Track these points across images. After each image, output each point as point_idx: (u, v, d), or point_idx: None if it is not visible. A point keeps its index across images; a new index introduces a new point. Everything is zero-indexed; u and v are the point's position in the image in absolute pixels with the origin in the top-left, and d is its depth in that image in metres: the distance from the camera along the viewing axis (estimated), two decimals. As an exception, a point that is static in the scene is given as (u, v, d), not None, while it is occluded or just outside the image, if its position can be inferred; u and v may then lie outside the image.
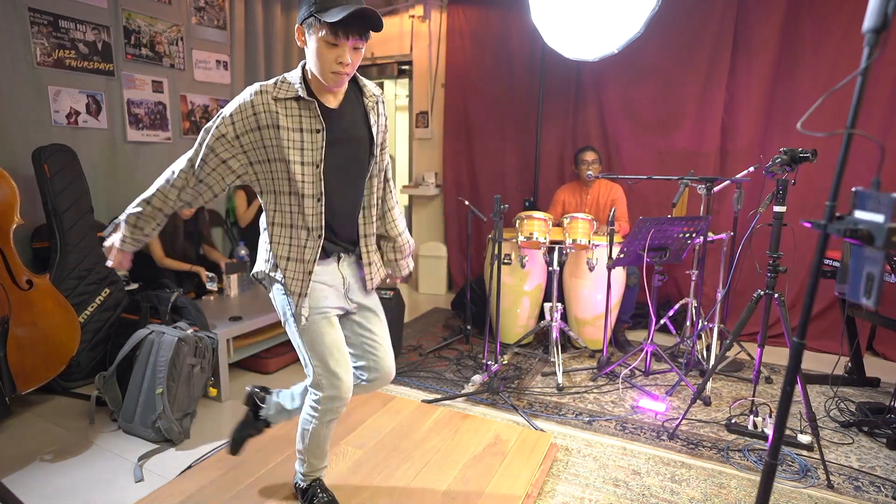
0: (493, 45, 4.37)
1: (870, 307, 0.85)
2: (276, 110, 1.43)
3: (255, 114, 1.43)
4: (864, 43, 0.87)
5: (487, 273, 3.42)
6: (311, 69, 1.43)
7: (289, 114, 1.44)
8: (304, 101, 1.44)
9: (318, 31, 1.34)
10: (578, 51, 3.17)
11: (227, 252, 3.97)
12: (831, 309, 3.47)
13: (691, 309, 3.13)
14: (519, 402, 2.70)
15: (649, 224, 2.64)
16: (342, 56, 1.36)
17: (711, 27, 3.60)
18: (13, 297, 2.34)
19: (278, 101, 1.43)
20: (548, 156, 4.31)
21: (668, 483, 2.03)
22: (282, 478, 1.96)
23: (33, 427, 2.40)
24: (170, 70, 3.58)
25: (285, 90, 1.44)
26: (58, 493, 1.95)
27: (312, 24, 1.35)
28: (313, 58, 1.39)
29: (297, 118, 1.44)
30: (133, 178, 3.44)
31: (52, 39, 2.94)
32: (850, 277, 0.87)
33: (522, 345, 3.40)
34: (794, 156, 2.10)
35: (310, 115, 1.45)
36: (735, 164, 3.62)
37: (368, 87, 1.59)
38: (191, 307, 2.68)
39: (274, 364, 3.06)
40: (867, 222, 0.82)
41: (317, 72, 1.41)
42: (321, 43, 1.35)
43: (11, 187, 2.35)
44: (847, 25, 3.24)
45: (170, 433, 2.25)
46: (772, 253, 2.18)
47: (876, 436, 2.41)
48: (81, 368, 2.74)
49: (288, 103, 1.44)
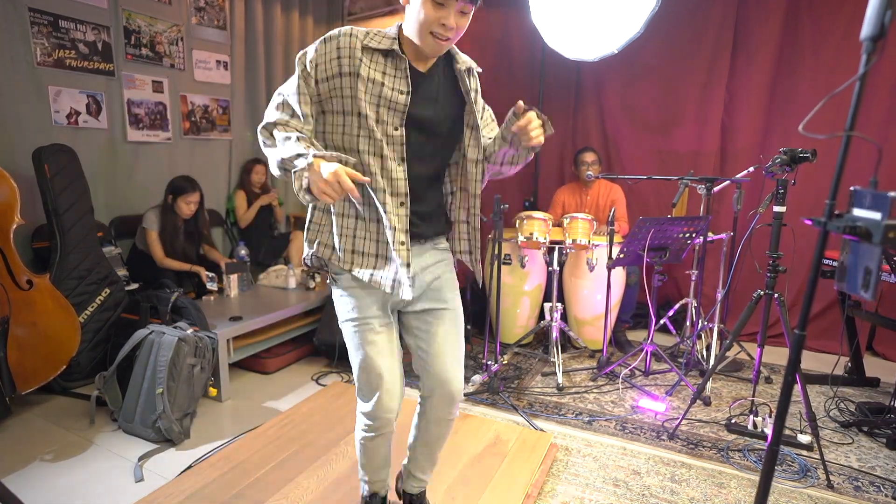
0: (493, 45, 4.37)
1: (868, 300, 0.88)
2: (360, 57, 1.28)
3: (338, 57, 1.28)
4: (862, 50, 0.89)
5: (487, 273, 3.42)
6: (409, 31, 1.29)
7: (373, 66, 1.29)
8: (395, 57, 1.30)
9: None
10: (578, 51, 3.17)
11: (227, 252, 3.97)
12: (831, 309, 3.47)
13: (691, 309, 3.13)
14: (519, 402, 2.70)
15: (649, 224, 2.64)
16: (447, 17, 1.22)
17: (711, 27, 3.61)
18: (13, 297, 2.34)
19: (365, 50, 1.28)
20: (548, 156, 4.31)
21: (668, 483, 2.03)
22: (282, 478, 1.96)
23: (33, 427, 2.40)
24: (170, 70, 3.58)
25: (377, 40, 1.29)
26: (58, 493, 1.95)
27: None
28: (414, 16, 1.25)
29: (377, 71, 1.29)
30: (133, 178, 3.44)
31: (52, 39, 2.94)
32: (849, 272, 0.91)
33: (522, 345, 3.40)
34: (793, 156, 2.10)
35: (395, 75, 1.30)
36: (735, 164, 3.62)
37: (460, 55, 1.42)
38: (191, 307, 2.68)
39: (274, 364, 3.06)
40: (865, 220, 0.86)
41: (415, 33, 1.27)
42: (427, 2, 1.22)
43: (11, 187, 2.35)
44: (847, 26, 3.24)
45: (170, 433, 2.26)
46: (772, 253, 2.18)
47: (876, 436, 2.41)
48: (81, 368, 2.74)
49: (376, 55, 1.29)
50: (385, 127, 1.31)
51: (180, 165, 3.68)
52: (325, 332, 3.07)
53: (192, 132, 3.78)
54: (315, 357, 3.28)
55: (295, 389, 2.85)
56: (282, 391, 2.83)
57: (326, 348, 3.08)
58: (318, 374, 3.04)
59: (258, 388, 2.86)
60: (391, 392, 1.42)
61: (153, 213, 3.19)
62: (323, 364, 3.18)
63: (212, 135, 3.92)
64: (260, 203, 3.96)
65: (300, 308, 3.14)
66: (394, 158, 1.32)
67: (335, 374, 3.04)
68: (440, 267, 1.49)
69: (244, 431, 2.35)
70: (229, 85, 3.99)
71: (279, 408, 2.63)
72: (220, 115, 3.95)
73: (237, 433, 2.35)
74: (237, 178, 4.12)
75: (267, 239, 4.01)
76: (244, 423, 2.46)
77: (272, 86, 4.28)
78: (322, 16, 4.70)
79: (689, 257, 3.05)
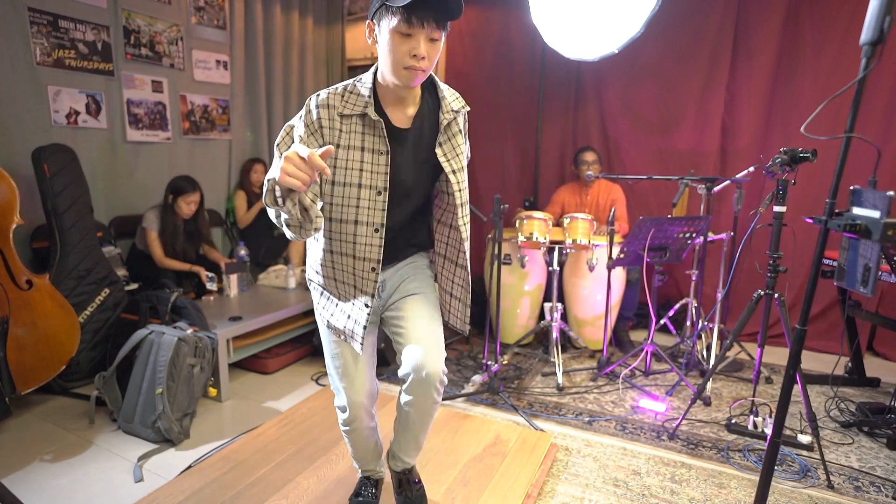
0: (493, 45, 4.36)
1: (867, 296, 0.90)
2: (339, 128, 1.31)
3: (320, 128, 1.31)
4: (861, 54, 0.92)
5: (487, 273, 3.42)
6: (383, 70, 1.30)
7: (351, 131, 1.32)
8: (369, 120, 1.32)
9: (389, 21, 1.21)
10: (578, 51, 3.17)
11: (226, 252, 3.97)
12: (832, 309, 3.47)
13: (691, 309, 3.13)
14: (519, 402, 2.70)
15: (649, 224, 2.64)
16: (416, 48, 1.21)
17: (712, 27, 3.60)
18: (13, 297, 2.34)
19: (343, 118, 1.31)
20: (548, 156, 4.30)
21: (668, 483, 2.03)
22: (282, 477, 1.96)
23: (33, 427, 2.40)
24: (169, 70, 3.58)
25: (352, 105, 1.31)
26: (58, 493, 1.94)
27: (383, 14, 1.22)
28: (385, 54, 1.26)
29: (356, 135, 1.32)
30: (133, 178, 3.44)
31: (51, 39, 2.94)
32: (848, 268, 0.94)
33: (522, 345, 3.40)
34: (794, 156, 2.10)
35: (373, 135, 1.33)
36: (735, 164, 3.62)
37: (448, 99, 1.41)
38: (190, 307, 2.68)
39: (273, 364, 3.06)
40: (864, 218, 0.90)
41: (389, 70, 1.27)
42: (393, 35, 1.22)
43: (11, 187, 2.35)
44: (847, 26, 3.24)
45: (169, 433, 2.25)
46: (772, 253, 2.18)
47: (876, 436, 2.41)
48: (81, 368, 2.73)
49: (354, 120, 1.32)
50: (369, 191, 1.35)
51: (180, 165, 3.68)
52: (325, 332, 3.07)
53: (191, 132, 3.77)
54: (315, 357, 3.27)
55: (295, 389, 2.85)
56: (282, 391, 2.83)
57: (326, 348, 3.08)
58: (318, 374, 3.04)
59: (258, 388, 2.86)
60: (357, 389, 1.53)
61: (153, 212, 3.19)
62: (323, 364, 3.16)
63: (211, 135, 3.92)
64: (260, 205, 3.96)
65: (300, 308, 3.14)
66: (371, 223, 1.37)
67: (335, 374, 3.03)
68: (409, 268, 1.57)
69: (244, 431, 2.35)
70: (229, 85, 3.99)
71: (279, 408, 2.63)
72: (219, 115, 3.95)
73: (237, 433, 2.35)
74: (237, 177, 4.12)
75: (267, 239, 4.00)
76: (244, 423, 2.46)
77: (272, 86, 4.28)
78: (322, 16, 4.70)
79: (689, 257, 3.05)
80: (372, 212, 1.35)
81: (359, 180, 1.33)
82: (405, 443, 1.64)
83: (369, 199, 1.34)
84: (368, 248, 1.38)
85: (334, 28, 4.76)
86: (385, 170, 1.34)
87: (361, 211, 1.35)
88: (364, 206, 1.34)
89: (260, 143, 4.27)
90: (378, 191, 1.34)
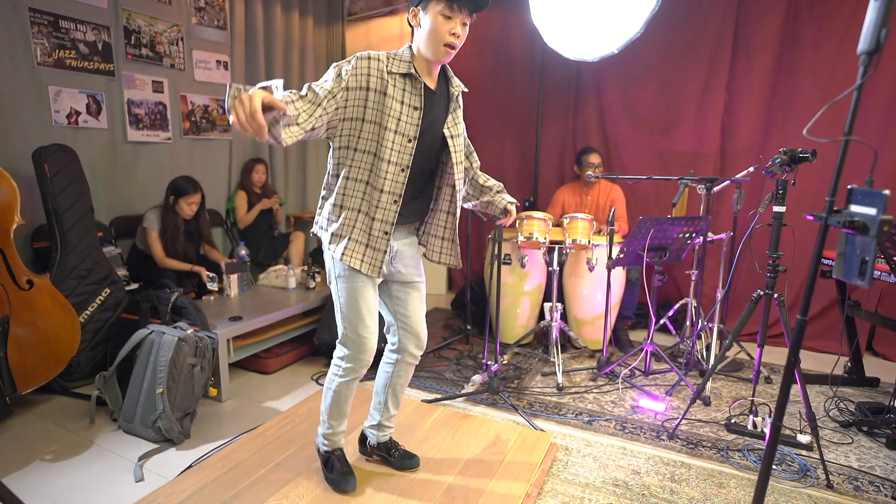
0: (493, 45, 4.37)
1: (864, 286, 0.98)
2: (386, 79, 1.58)
3: (368, 75, 1.56)
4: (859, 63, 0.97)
5: (487, 273, 3.42)
6: (422, 47, 1.60)
7: (395, 85, 1.59)
8: (412, 79, 1.62)
9: (435, 6, 1.53)
10: (578, 51, 3.17)
11: (227, 252, 3.97)
12: (831, 309, 3.48)
13: (691, 309, 3.13)
14: (519, 401, 2.70)
15: (649, 224, 2.64)
16: (455, 27, 1.54)
17: (711, 28, 3.61)
18: (13, 297, 2.34)
19: (390, 74, 1.59)
20: (548, 156, 4.31)
21: (667, 483, 2.03)
22: (282, 477, 1.96)
23: (33, 427, 2.40)
24: (170, 70, 3.58)
25: (397, 65, 1.60)
26: (58, 493, 1.95)
27: (429, 1, 1.54)
28: (427, 33, 1.56)
29: (399, 90, 1.60)
30: (133, 178, 3.44)
31: (52, 39, 2.94)
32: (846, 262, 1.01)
33: (522, 345, 3.40)
34: (793, 156, 2.11)
35: (413, 92, 1.62)
36: (735, 164, 3.62)
37: (455, 79, 1.76)
38: (191, 307, 2.69)
39: (273, 364, 3.06)
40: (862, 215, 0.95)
41: (429, 47, 1.58)
42: (437, 17, 1.53)
43: (12, 187, 2.35)
44: (847, 26, 3.24)
45: (170, 433, 2.26)
46: (771, 253, 2.18)
47: (875, 435, 2.41)
48: (81, 368, 2.74)
49: (397, 77, 1.60)
50: (400, 138, 1.61)
51: (180, 165, 3.68)
52: (325, 332, 3.07)
53: (192, 132, 3.78)
54: (315, 357, 3.28)
55: (295, 389, 2.85)
56: (282, 391, 2.83)
57: (326, 348, 3.08)
58: (318, 374, 3.04)
59: (258, 388, 2.86)
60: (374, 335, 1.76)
61: (154, 213, 3.20)
62: (323, 364, 3.18)
63: (212, 135, 3.93)
64: (261, 207, 3.97)
65: (300, 308, 3.14)
66: (399, 163, 1.62)
67: (335, 374, 3.04)
68: (415, 246, 1.86)
69: (244, 431, 2.35)
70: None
71: (279, 408, 2.64)
72: (220, 115, 3.95)
73: (237, 433, 2.35)
74: (237, 178, 4.12)
75: (267, 239, 4.01)
76: (244, 423, 2.47)
77: (272, 86, 4.28)
78: (322, 16, 4.70)
79: (689, 257, 3.05)
80: (402, 155, 1.62)
81: (395, 127, 1.59)
82: (392, 405, 1.97)
83: (401, 144, 1.61)
84: (395, 184, 1.64)
85: (334, 28, 4.77)
86: (417, 122, 1.63)
87: (394, 153, 1.61)
88: (396, 149, 1.61)
89: (260, 143, 4.27)
90: (409, 139, 1.62)
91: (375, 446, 2.04)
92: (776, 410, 1.15)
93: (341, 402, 1.86)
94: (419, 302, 1.87)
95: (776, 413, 1.15)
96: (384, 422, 2.00)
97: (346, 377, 1.79)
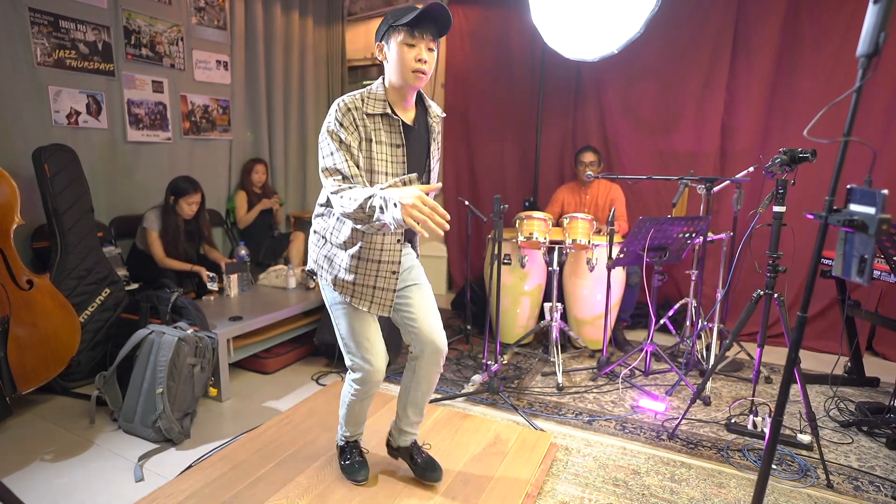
0: (493, 45, 4.37)
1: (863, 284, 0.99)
2: (367, 125, 1.60)
3: (356, 127, 1.59)
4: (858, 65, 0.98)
5: (487, 273, 3.42)
6: (393, 78, 1.61)
7: (376, 128, 1.61)
8: (389, 118, 1.63)
9: (397, 37, 1.56)
10: (578, 51, 3.17)
11: (227, 252, 3.97)
12: (831, 309, 3.48)
13: (691, 309, 3.13)
14: (519, 401, 2.70)
15: (649, 224, 2.64)
16: (420, 54, 1.56)
17: (711, 27, 3.61)
18: (13, 297, 2.34)
19: (368, 117, 1.60)
20: (548, 156, 4.31)
21: (667, 483, 2.03)
22: (282, 477, 1.96)
23: (33, 427, 2.40)
24: (170, 70, 3.58)
25: (373, 106, 1.61)
26: (58, 492, 1.95)
27: (391, 33, 1.57)
28: (395, 64, 1.58)
29: (381, 132, 1.62)
30: (133, 178, 3.44)
31: (52, 39, 2.94)
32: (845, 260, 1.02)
33: (522, 345, 3.40)
34: (793, 156, 2.10)
35: (391, 131, 1.64)
36: (735, 164, 3.62)
37: (433, 107, 1.79)
38: (191, 307, 2.69)
39: (273, 364, 3.07)
40: (861, 214, 0.97)
41: (399, 77, 1.59)
42: (401, 47, 1.56)
43: (12, 187, 2.35)
44: (847, 26, 3.24)
45: (170, 433, 2.26)
46: (771, 253, 2.18)
47: (875, 435, 2.41)
48: (82, 368, 2.74)
49: (375, 119, 1.62)
50: (391, 179, 1.63)
51: (180, 165, 3.68)
52: (325, 332, 3.08)
53: (192, 132, 3.78)
54: (315, 357, 3.28)
55: (295, 389, 2.85)
56: (282, 391, 2.83)
57: (326, 348, 3.08)
58: (318, 374, 3.04)
59: (258, 388, 2.86)
60: (381, 357, 1.76)
61: (154, 213, 3.20)
62: (323, 364, 3.18)
63: (212, 135, 3.93)
64: (261, 207, 3.97)
65: (300, 308, 3.15)
66: None
67: (335, 374, 3.04)
68: (411, 258, 1.87)
69: (244, 431, 2.35)
70: (229, 85, 4.00)
71: (279, 408, 2.64)
72: (220, 115, 3.96)
73: (237, 433, 2.35)
74: (237, 178, 4.12)
75: (267, 239, 4.01)
76: (244, 423, 2.47)
77: (272, 86, 4.29)
78: (322, 16, 4.70)
79: (688, 257, 3.05)
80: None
81: (385, 169, 1.62)
82: (413, 414, 1.92)
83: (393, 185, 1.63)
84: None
85: (334, 28, 4.77)
86: (403, 159, 1.65)
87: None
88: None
89: (260, 143, 4.28)
90: (398, 177, 1.64)
91: (396, 448, 2.02)
92: (777, 405, 1.16)
93: (356, 414, 1.90)
94: (425, 300, 1.81)
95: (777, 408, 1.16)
96: (404, 427, 1.95)
97: (357, 396, 1.83)
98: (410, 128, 1.68)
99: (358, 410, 1.89)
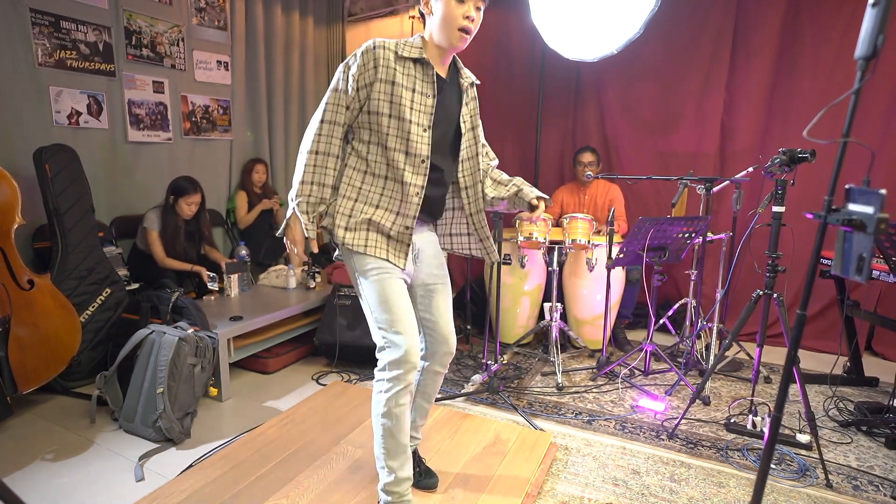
0: (493, 45, 4.37)
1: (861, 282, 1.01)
2: (394, 66, 1.52)
3: (375, 67, 1.51)
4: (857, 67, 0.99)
5: (487, 273, 3.42)
6: (435, 34, 1.54)
7: (406, 73, 1.54)
8: (423, 65, 1.55)
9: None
10: (578, 51, 3.18)
11: (227, 252, 3.98)
12: (830, 309, 3.48)
13: (690, 309, 3.13)
14: (519, 401, 2.70)
15: (648, 224, 2.64)
16: (469, 11, 1.49)
17: (711, 27, 3.61)
18: (14, 297, 2.35)
19: (398, 59, 1.53)
20: (547, 156, 4.31)
21: (667, 482, 2.04)
22: (282, 478, 1.97)
23: (34, 427, 2.40)
24: (170, 70, 3.59)
25: (408, 50, 1.54)
26: (58, 492, 1.95)
27: None
28: (440, 19, 1.51)
29: (410, 77, 1.54)
30: (133, 179, 3.45)
31: (53, 40, 2.95)
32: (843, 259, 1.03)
33: (522, 345, 3.41)
34: (792, 156, 2.11)
35: (424, 80, 1.56)
36: (735, 164, 3.62)
37: (465, 70, 1.70)
38: (191, 307, 2.69)
39: (274, 364, 3.07)
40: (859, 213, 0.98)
41: (443, 33, 1.52)
42: (450, 2, 1.48)
43: (12, 187, 2.36)
44: (847, 26, 3.24)
45: (170, 433, 2.26)
46: (771, 253, 2.18)
47: (874, 435, 2.41)
48: (82, 368, 2.74)
49: (407, 63, 1.54)
50: (416, 128, 1.54)
51: (181, 165, 3.68)
52: (325, 332, 3.08)
53: (192, 132, 3.78)
54: (315, 357, 3.28)
55: (295, 389, 2.86)
56: (282, 391, 2.84)
57: (326, 348, 3.09)
58: (318, 374, 3.04)
59: (258, 388, 2.87)
60: (413, 329, 1.58)
61: (154, 213, 3.20)
62: (323, 364, 3.19)
63: (212, 135, 3.93)
64: (261, 207, 3.97)
65: (300, 308, 3.15)
66: (418, 154, 1.56)
67: (335, 374, 3.04)
68: (436, 245, 1.80)
69: (244, 431, 2.35)
70: (230, 85, 4.00)
71: (279, 408, 2.64)
72: (220, 116, 3.96)
73: (237, 433, 2.36)
74: (238, 178, 4.13)
75: (267, 239, 4.01)
76: (244, 422, 2.47)
77: (272, 86, 4.29)
78: (322, 16, 4.70)
79: (688, 257, 3.05)
80: (419, 145, 1.56)
81: (409, 116, 1.53)
82: (419, 416, 1.86)
83: (417, 135, 1.55)
84: (415, 176, 1.58)
85: (335, 28, 4.77)
86: (431, 110, 1.56)
87: (411, 144, 1.55)
88: (413, 140, 1.55)
89: (261, 143, 4.28)
90: (424, 128, 1.56)
91: None
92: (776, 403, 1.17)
93: (395, 428, 1.56)
94: (445, 304, 1.76)
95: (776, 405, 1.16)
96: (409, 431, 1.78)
97: (394, 388, 1.54)
98: (444, 81, 1.60)
99: (396, 418, 1.56)
